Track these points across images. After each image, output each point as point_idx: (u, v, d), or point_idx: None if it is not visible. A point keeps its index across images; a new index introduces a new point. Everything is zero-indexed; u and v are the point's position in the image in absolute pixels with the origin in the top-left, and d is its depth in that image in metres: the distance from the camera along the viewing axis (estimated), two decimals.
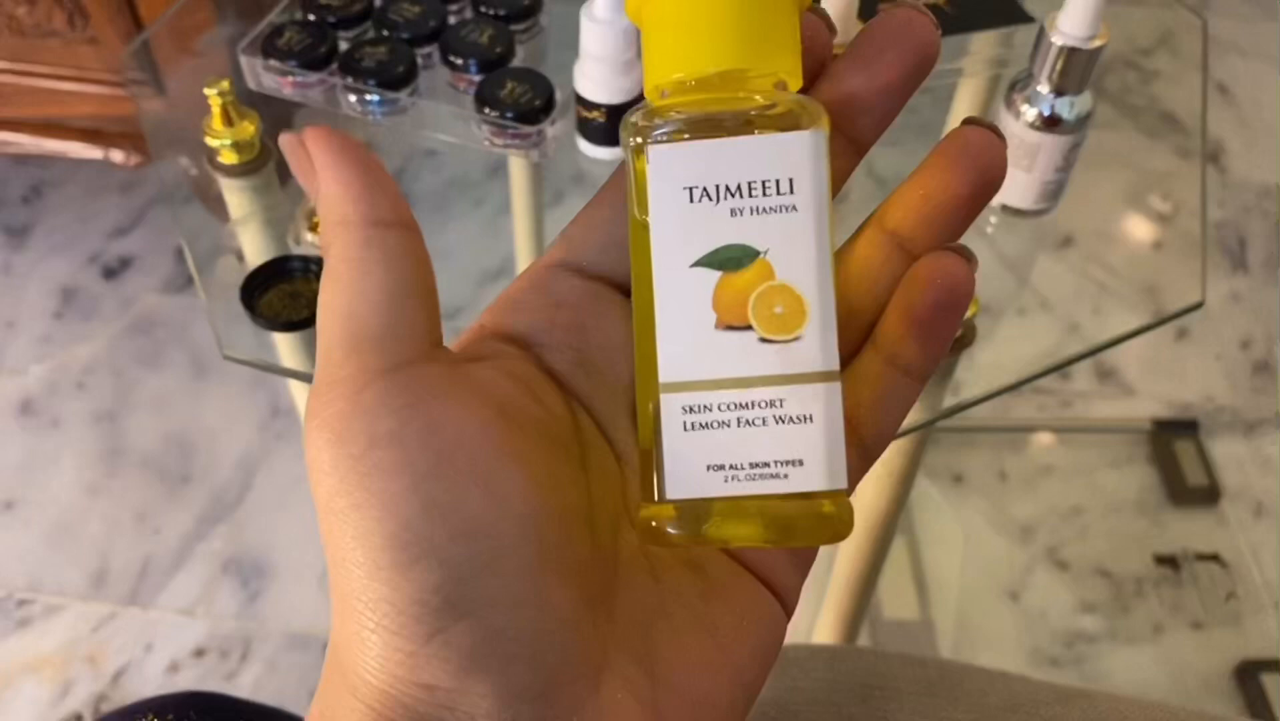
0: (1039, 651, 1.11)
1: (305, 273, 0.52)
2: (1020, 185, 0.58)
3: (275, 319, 0.51)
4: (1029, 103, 0.55)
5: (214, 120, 0.54)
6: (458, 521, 0.20)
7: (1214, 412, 1.29)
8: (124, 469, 1.21)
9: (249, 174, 0.55)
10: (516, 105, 0.55)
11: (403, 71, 0.57)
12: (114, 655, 1.09)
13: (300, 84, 0.57)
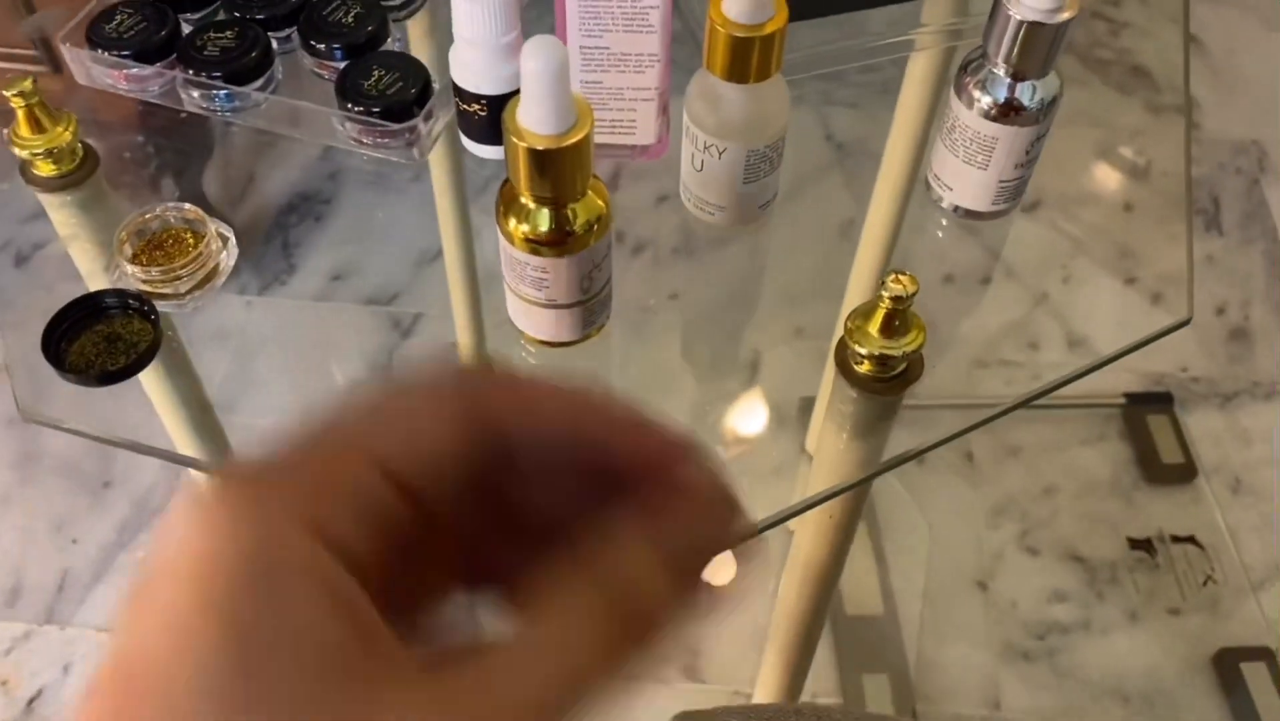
0: (1010, 645, 1.06)
1: (124, 311, 0.45)
2: (975, 184, 0.49)
3: (88, 370, 0.43)
4: (983, 88, 0.46)
5: (20, 126, 0.46)
6: None
7: (1188, 383, 1.23)
8: (38, 475, 1.15)
9: (70, 187, 0.47)
10: (384, 98, 0.48)
11: (254, 60, 0.49)
12: (29, 679, 1.03)
13: (136, 78, 0.49)
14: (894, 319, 0.43)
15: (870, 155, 0.73)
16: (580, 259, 0.40)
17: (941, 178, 0.51)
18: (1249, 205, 1.38)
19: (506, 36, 0.46)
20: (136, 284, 0.45)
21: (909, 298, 0.42)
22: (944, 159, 0.50)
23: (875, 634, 1.07)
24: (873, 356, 0.43)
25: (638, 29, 0.45)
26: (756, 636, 1.03)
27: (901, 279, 0.41)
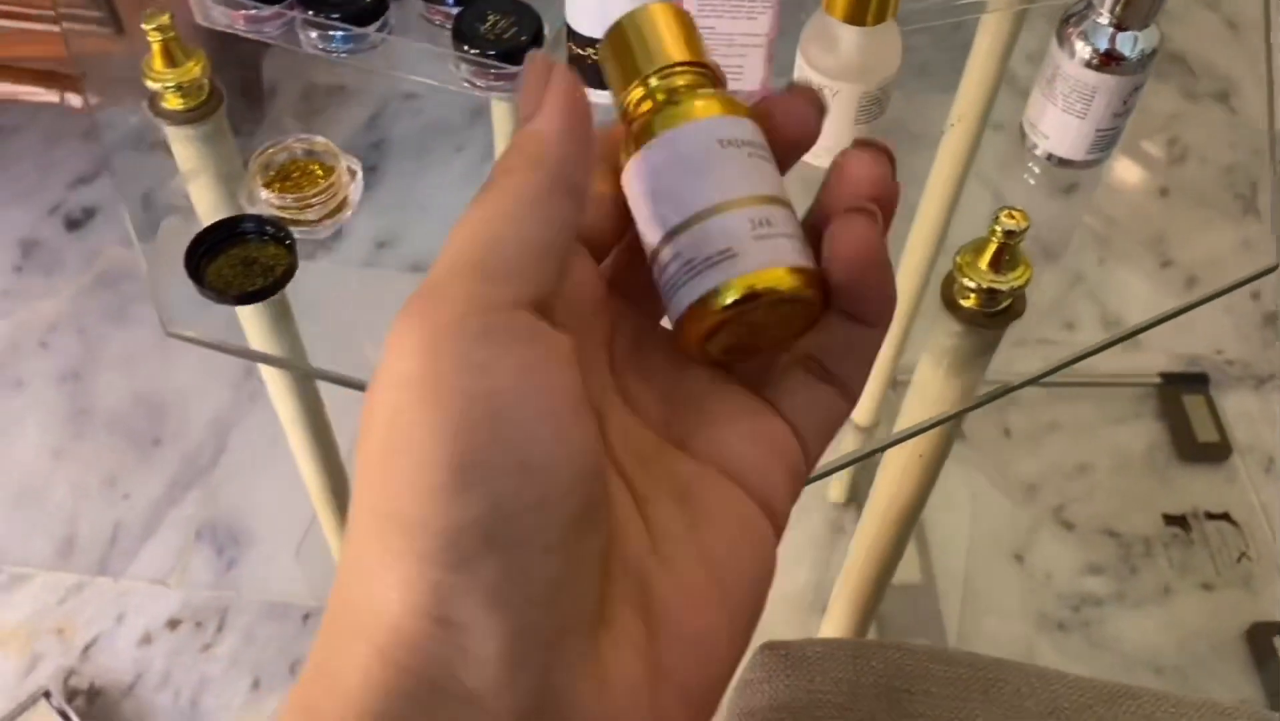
0: (1045, 615, 1.08)
1: (260, 236, 0.46)
2: (1072, 132, 0.51)
3: (226, 290, 0.45)
4: (1085, 38, 0.48)
5: (154, 60, 0.48)
6: (523, 455, 0.21)
7: (1223, 365, 1.25)
8: (91, 431, 1.16)
9: (196, 121, 0.49)
10: (499, 42, 0.49)
11: (371, 3, 0.51)
12: (83, 627, 1.05)
13: (255, 18, 0.50)
14: (1004, 254, 0.45)
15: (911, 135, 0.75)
16: None
17: (1038, 126, 0.53)
18: None
19: None
20: (271, 210, 0.47)
21: (1020, 233, 0.43)
22: (1042, 107, 0.52)
23: (914, 602, 1.09)
24: (980, 290, 0.45)
25: None
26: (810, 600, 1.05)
27: (1015, 214, 0.43)
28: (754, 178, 0.25)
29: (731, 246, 0.24)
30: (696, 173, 0.25)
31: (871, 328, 0.26)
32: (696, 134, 0.25)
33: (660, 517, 0.24)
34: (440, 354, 0.21)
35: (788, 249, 0.25)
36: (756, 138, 0.26)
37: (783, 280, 0.24)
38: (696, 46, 0.27)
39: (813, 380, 0.26)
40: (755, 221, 0.24)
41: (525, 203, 0.23)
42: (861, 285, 0.25)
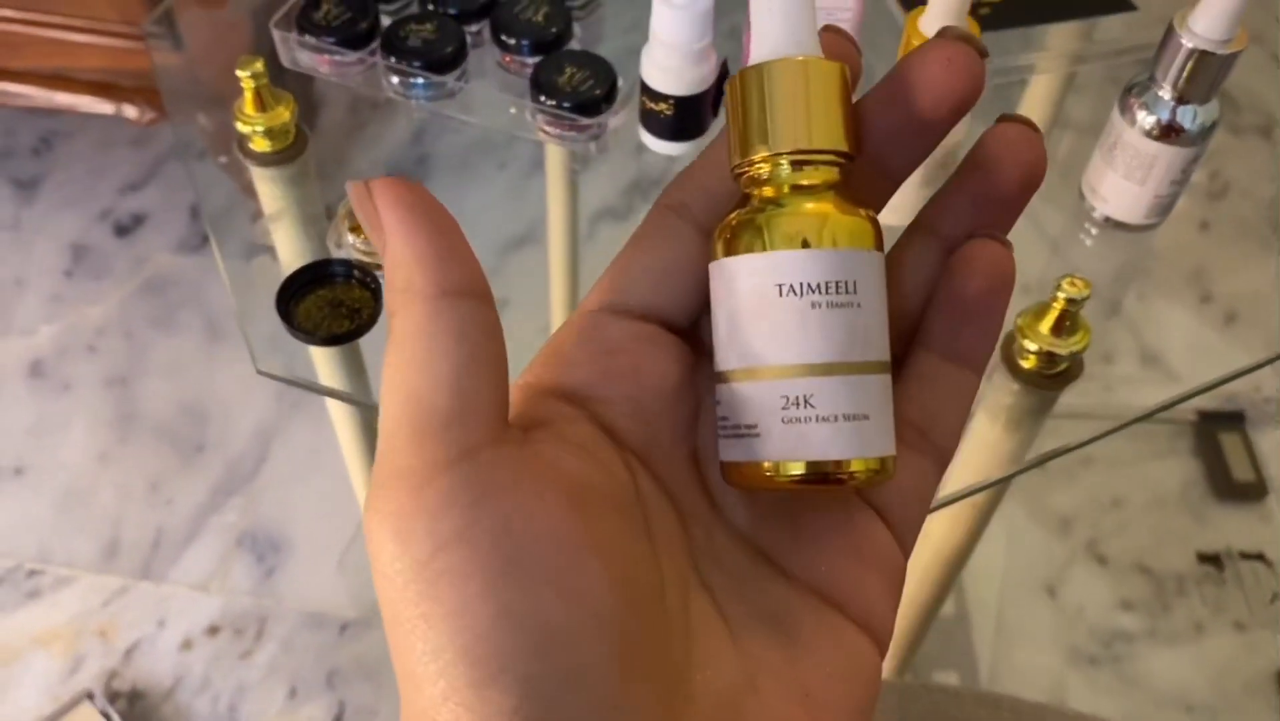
0: (1077, 650, 1.08)
1: (348, 278, 0.48)
2: (1130, 198, 0.52)
3: (315, 331, 0.46)
4: (1147, 109, 0.49)
5: (246, 104, 0.49)
6: (536, 631, 0.19)
7: (1261, 404, 1.25)
8: (136, 435, 1.18)
9: (283, 163, 0.50)
10: (576, 94, 0.51)
11: (451, 52, 0.52)
12: (126, 630, 1.06)
13: (339, 64, 0.52)
14: (1065, 319, 0.46)
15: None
16: None
17: (1098, 190, 0.54)
18: None
19: (701, 42, 0.49)
20: (356, 254, 0.49)
21: (1082, 300, 0.44)
22: (1101, 172, 0.53)
23: (946, 633, 1.09)
24: (1040, 353, 0.46)
25: None
26: None
27: (1077, 281, 0.44)
28: (812, 339, 0.21)
29: (757, 424, 0.22)
30: (744, 323, 0.22)
31: (974, 372, 0.24)
32: (756, 274, 0.22)
33: (754, 645, 0.23)
34: (412, 542, 0.20)
35: (820, 439, 0.21)
36: (848, 274, 0.22)
37: (798, 476, 0.22)
38: (840, 125, 0.22)
39: (905, 450, 0.24)
40: (789, 400, 0.21)
41: (421, 339, 0.21)
42: (982, 326, 0.24)
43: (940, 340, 0.24)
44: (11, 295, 1.27)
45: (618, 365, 0.24)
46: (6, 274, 1.29)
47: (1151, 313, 0.79)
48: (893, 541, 0.24)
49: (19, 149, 1.39)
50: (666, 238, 0.24)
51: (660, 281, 0.24)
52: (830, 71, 0.22)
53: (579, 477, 0.22)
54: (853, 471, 0.22)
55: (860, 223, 0.22)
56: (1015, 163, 0.23)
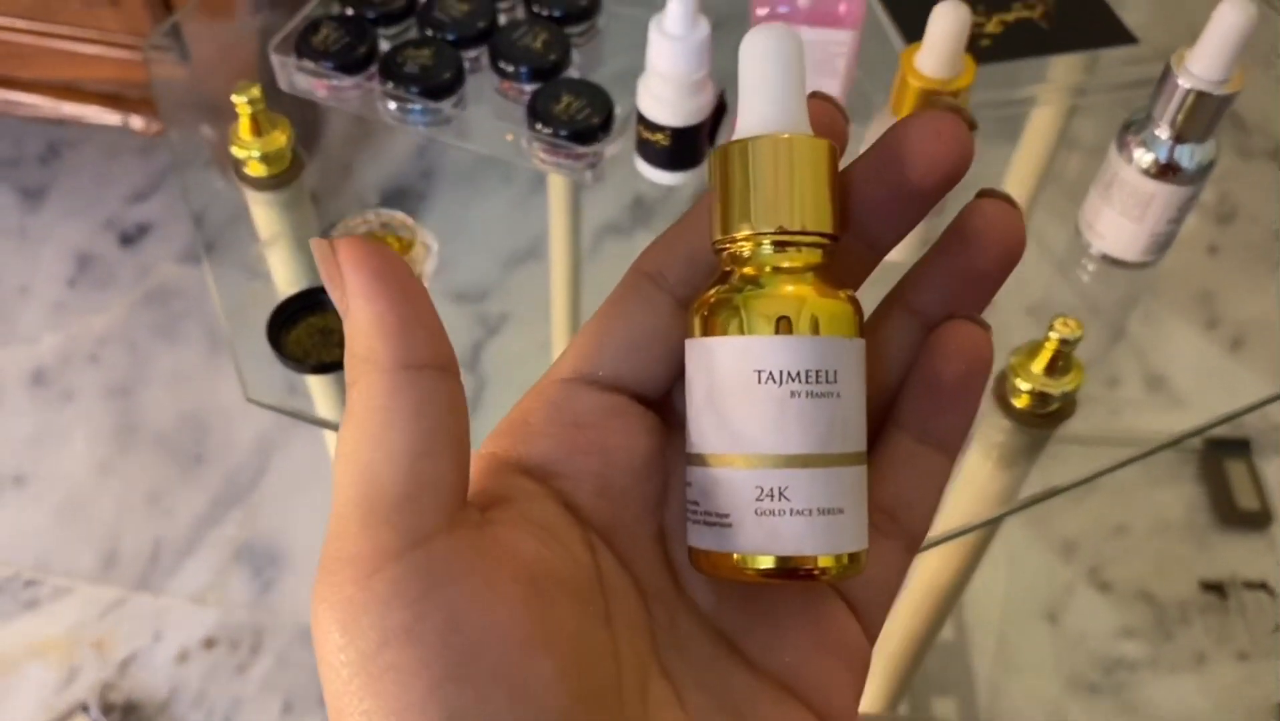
0: (1078, 677, 1.07)
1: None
2: (1127, 235, 0.52)
3: (304, 360, 0.46)
4: (1145, 147, 0.49)
5: (241, 129, 0.49)
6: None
7: (1268, 432, 1.24)
8: (137, 446, 1.18)
9: (278, 188, 0.50)
10: (572, 122, 0.50)
11: (448, 78, 0.52)
12: (122, 642, 1.06)
13: (336, 88, 0.52)
14: (1058, 359, 0.45)
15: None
16: None
17: (1095, 226, 0.54)
18: None
19: (698, 74, 0.48)
20: None
21: (1075, 341, 0.44)
22: (1098, 209, 0.53)
23: (946, 658, 1.08)
24: (1033, 392, 0.46)
25: (823, 73, 0.48)
26: None
27: (1070, 322, 0.44)
28: (790, 429, 0.21)
29: (730, 513, 0.21)
30: (720, 407, 0.22)
31: (948, 457, 0.24)
32: (733, 357, 0.21)
33: None
34: (357, 634, 0.19)
35: (793, 533, 0.21)
36: (827, 363, 0.21)
37: (769, 569, 0.21)
38: (827, 206, 0.22)
39: (876, 535, 0.23)
40: (764, 490, 0.21)
41: (378, 414, 0.20)
42: (957, 412, 0.23)
43: (915, 422, 0.24)
44: (15, 303, 1.28)
45: (585, 440, 0.23)
46: (11, 281, 1.29)
47: (1158, 337, 0.79)
48: (859, 631, 0.24)
49: (26, 158, 1.40)
50: (641, 306, 0.23)
51: (633, 352, 0.23)
52: (817, 149, 0.22)
53: (537, 564, 0.21)
54: (824, 567, 0.21)
55: (842, 306, 0.22)
56: (995, 240, 0.23)
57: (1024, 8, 0.61)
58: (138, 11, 1.04)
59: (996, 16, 0.60)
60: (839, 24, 0.47)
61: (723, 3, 0.60)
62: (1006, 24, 0.60)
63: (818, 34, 0.47)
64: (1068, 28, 0.61)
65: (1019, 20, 0.60)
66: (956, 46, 0.43)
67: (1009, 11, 0.60)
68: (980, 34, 0.59)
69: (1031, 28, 0.60)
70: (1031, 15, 0.61)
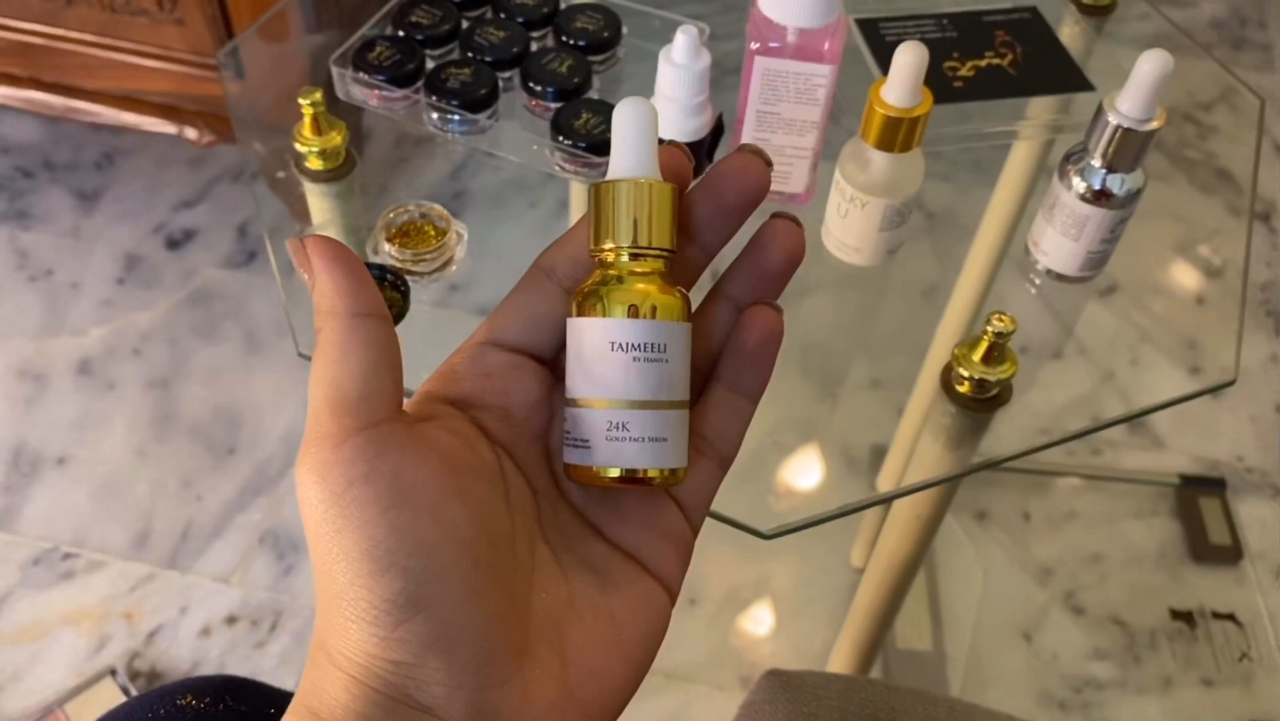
0: (1048, 694, 1.12)
1: (382, 281, 0.55)
2: (1066, 253, 0.59)
3: None
4: (1081, 175, 0.56)
5: (305, 127, 0.57)
6: (415, 542, 0.27)
7: (1243, 473, 1.29)
8: (173, 435, 1.24)
9: (333, 180, 0.58)
10: (590, 136, 0.58)
11: (485, 94, 0.60)
12: (150, 615, 1.12)
13: (387, 98, 0.60)
14: (994, 350, 0.52)
15: (960, 226, 0.79)
16: None
17: (1039, 245, 0.61)
18: None
19: (698, 97, 0.56)
20: (390, 261, 0.56)
21: (1008, 334, 0.51)
22: (1043, 229, 0.60)
23: (922, 668, 1.14)
24: (973, 379, 0.53)
25: (805, 101, 0.56)
26: (816, 655, 1.11)
27: (1004, 317, 0.51)
28: (630, 382, 0.29)
29: (589, 439, 0.30)
30: (585, 365, 0.30)
31: (750, 401, 0.33)
32: (595, 332, 0.30)
33: (578, 582, 0.31)
34: (329, 480, 0.27)
35: (631, 453, 0.30)
36: (660, 338, 0.30)
37: (615, 477, 0.30)
38: (667, 230, 0.30)
39: (698, 456, 0.32)
40: (611, 424, 0.30)
41: (338, 345, 0.28)
42: (756, 369, 0.32)
43: (728, 377, 0.32)
44: (67, 297, 1.35)
45: (494, 384, 0.31)
46: (64, 277, 1.37)
47: (1143, 379, 0.83)
48: (684, 521, 0.33)
49: (83, 163, 1.48)
50: (538, 292, 0.32)
51: (530, 325, 0.32)
52: (663, 190, 0.30)
53: (454, 451, 0.29)
54: (652, 477, 0.30)
55: (675, 300, 0.30)
56: (780, 248, 0.32)
57: (995, 55, 0.68)
58: (200, 31, 1.13)
59: (970, 61, 0.68)
60: (822, 59, 0.55)
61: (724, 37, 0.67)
62: (979, 68, 0.67)
63: (803, 68, 0.55)
64: (1033, 74, 0.69)
65: (990, 65, 0.67)
66: (916, 80, 0.51)
67: (982, 58, 0.68)
68: (955, 76, 0.67)
69: (1001, 73, 0.68)
70: (1001, 62, 0.69)
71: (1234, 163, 1.35)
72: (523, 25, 0.64)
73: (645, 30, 0.68)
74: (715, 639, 1.13)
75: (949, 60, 0.68)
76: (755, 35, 0.54)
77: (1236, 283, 0.80)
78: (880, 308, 0.71)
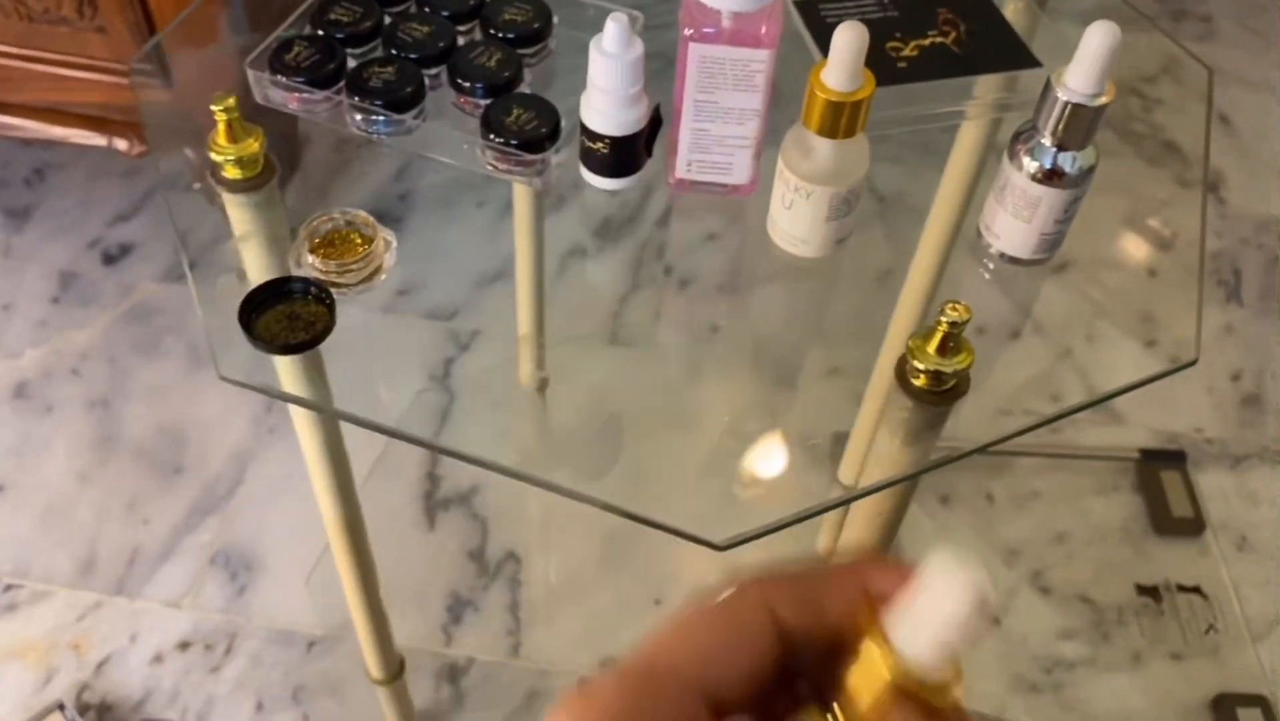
0: (1019, 677, 1.12)
1: (305, 295, 0.53)
2: (1020, 235, 0.58)
3: (273, 341, 0.51)
4: (1031, 155, 0.55)
5: (219, 135, 0.54)
6: None
7: (1202, 444, 1.30)
8: (116, 457, 1.21)
9: (252, 190, 0.55)
10: (521, 132, 0.56)
11: (410, 93, 0.57)
12: (98, 644, 1.09)
13: (307, 100, 0.57)
14: (949, 340, 0.50)
15: (911, 209, 0.79)
16: None
17: (991, 228, 0.60)
18: (1268, 279, 1.45)
19: (633, 88, 0.54)
20: (314, 273, 0.54)
21: (963, 323, 0.49)
22: (995, 212, 0.58)
23: None
24: (928, 372, 0.51)
25: (744, 88, 0.53)
26: None
27: (958, 306, 0.49)
28: None
29: None
30: None
31: None
32: None
33: None
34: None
35: None
36: None
37: None
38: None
39: None
40: None
41: None
42: None
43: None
44: (0, 319, 1.32)
45: None
46: None
47: (1099, 355, 0.82)
48: None
49: (13, 179, 1.44)
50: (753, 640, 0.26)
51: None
52: None
53: None
54: None
55: None
56: None
57: (939, 34, 0.67)
58: (124, 38, 1.09)
59: (914, 41, 0.66)
60: (759, 44, 0.53)
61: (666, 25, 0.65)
62: (922, 47, 0.66)
63: (740, 53, 0.53)
64: (978, 52, 0.67)
65: (933, 44, 0.66)
66: (856, 62, 0.49)
67: (925, 37, 0.66)
68: (898, 56, 0.65)
69: (945, 52, 0.66)
70: (945, 41, 0.67)
71: (1181, 134, 1.35)
72: (448, 19, 0.62)
73: (579, 20, 0.65)
74: None
75: (891, 40, 0.66)
76: (688, 21, 0.52)
77: (1188, 254, 0.80)
78: (834, 296, 0.70)
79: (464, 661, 1.10)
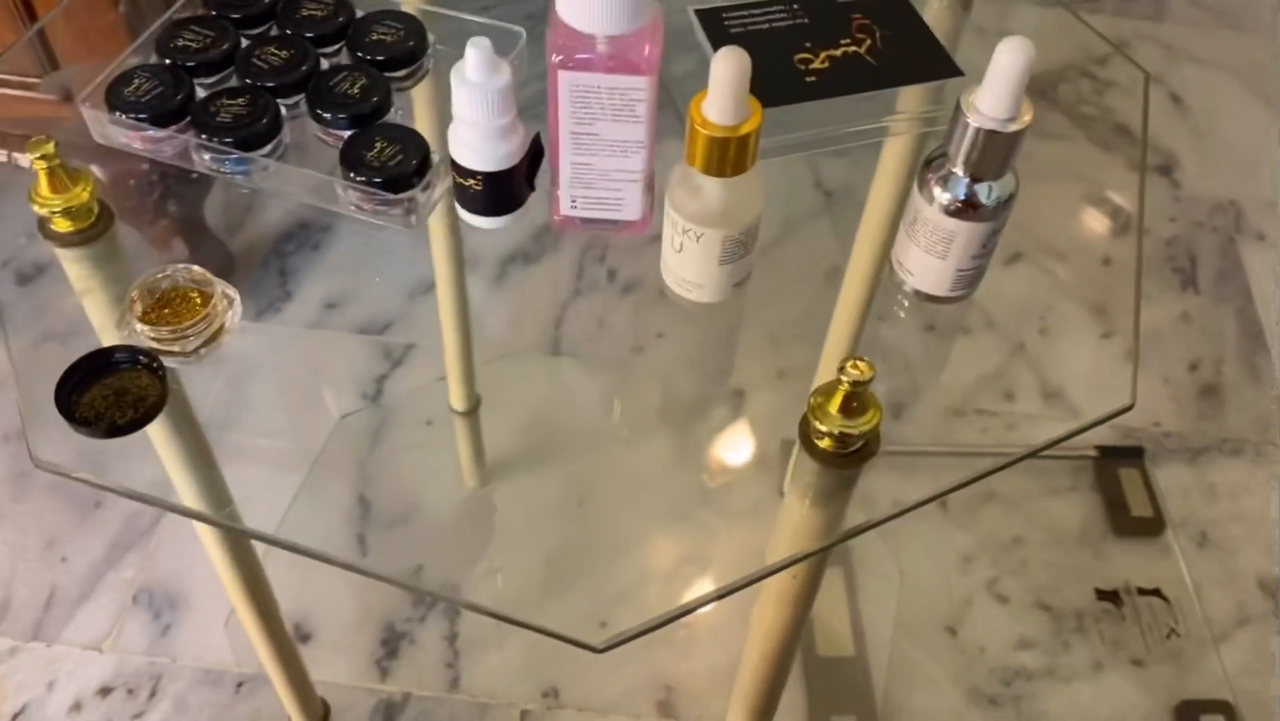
0: (977, 690, 1.08)
1: (133, 365, 0.47)
2: (934, 272, 0.52)
3: (96, 422, 0.46)
4: (943, 186, 0.49)
5: (41, 187, 0.48)
6: None
7: (1160, 438, 1.26)
8: (31, 492, 1.16)
9: (86, 243, 0.50)
10: (385, 169, 0.50)
11: (264, 128, 0.52)
12: (14, 693, 1.04)
13: (150, 139, 0.51)
14: (852, 400, 0.46)
15: (857, 203, 0.75)
16: None
17: (904, 264, 0.55)
18: (1225, 264, 1.41)
19: (502, 119, 0.49)
20: (146, 341, 0.48)
21: (866, 382, 0.45)
22: (906, 247, 0.53)
23: (846, 675, 1.09)
24: (832, 434, 0.46)
25: (625, 119, 0.48)
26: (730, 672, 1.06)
27: (860, 364, 0.44)
28: None
29: None
30: None
31: None
32: None
33: None
34: None
35: None
36: None
37: None
38: None
39: None
40: None
41: None
42: None
43: None
44: None
45: None
46: None
47: (1054, 349, 0.80)
48: None
49: None
50: None
51: None
52: None
53: None
54: None
55: None
56: None
57: (852, 43, 0.62)
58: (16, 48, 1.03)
59: (824, 51, 0.61)
60: (638, 70, 0.47)
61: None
62: (834, 59, 0.61)
63: (617, 81, 0.47)
64: (895, 62, 0.62)
65: (846, 55, 0.61)
66: (739, 92, 0.44)
67: (837, 47, 0.61)
68: (808, 69, 0.60)
69: (859, 62, 0.61)
70: (859, 50, 0.62)
71: (1132, 118, 1.31)
72: (311, 41, 0.56)
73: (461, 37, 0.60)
74: (629, 666, 1.07)
75: (801, 52, 0.61)
76: (557, 46, 0.46)
77: (1145, 242, 0.79)
78: (782, 293, 0.66)
79: (400, 697, 1.05)
